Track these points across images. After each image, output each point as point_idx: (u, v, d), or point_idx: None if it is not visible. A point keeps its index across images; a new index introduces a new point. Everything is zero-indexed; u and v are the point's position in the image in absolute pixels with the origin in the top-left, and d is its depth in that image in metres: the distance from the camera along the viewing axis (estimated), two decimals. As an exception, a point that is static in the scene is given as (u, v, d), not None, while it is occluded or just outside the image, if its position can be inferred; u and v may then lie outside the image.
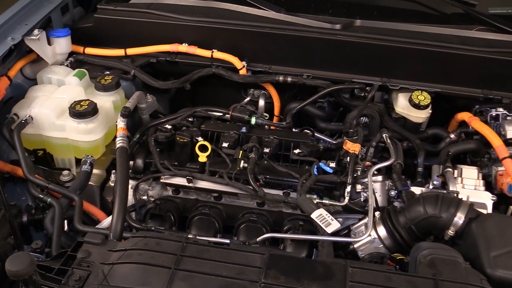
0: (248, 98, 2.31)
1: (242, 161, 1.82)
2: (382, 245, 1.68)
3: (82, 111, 1.86)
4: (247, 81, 2.22)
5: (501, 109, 2.06)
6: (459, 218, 1.59)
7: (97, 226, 1.76)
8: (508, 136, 1.96)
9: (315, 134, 2.08)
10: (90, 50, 2.30)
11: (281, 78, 2.17)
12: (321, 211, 1.69)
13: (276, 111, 2.31)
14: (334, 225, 1.66)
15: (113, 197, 1.68)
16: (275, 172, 1.85)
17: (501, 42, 2.21)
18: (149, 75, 2.24)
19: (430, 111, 2.12)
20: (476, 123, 2.01)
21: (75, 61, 2.27)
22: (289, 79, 2.17)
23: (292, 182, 1.83)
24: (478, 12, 2.35)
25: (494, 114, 2.06)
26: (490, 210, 1.79)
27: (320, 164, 1.86)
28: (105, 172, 1.97)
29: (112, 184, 1.90)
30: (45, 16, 2.17)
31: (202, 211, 1.84)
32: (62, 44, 2.19)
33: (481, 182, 1.89)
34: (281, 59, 2.23)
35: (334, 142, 2.05)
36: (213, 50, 2.22)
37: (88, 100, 1.92)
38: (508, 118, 2.03)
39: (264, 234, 1.70)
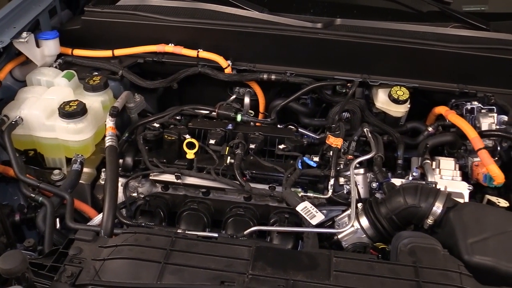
0: (233, 96, 2.30)
1: (229, 157, 1.82)
2: (364, 235, 1.69)
3: (71, 112, 1.84)
4: (232, 80, 2.21)
5: (476, 103, 2.08)
6: (438, 208, 1.60)
7: (88, 224, 1.75)
8: (483, 128, 1.98)
9: (299, 129, 2.08)
10: (78, 52, 2.27)
11: (265, 76, 2.17)
12: (306, 203, 1.69)
13: (261, 108, 2.31)
14: (318, 217, 1.67)
15: (104, 194, 1.67)
16: (261, 167, 1.85)
17: (475, 39, 2.22)
18: (137, 75, 2.22)
19: (409, 106, 2.13)
20: (452, 116, 2.02)
21: (64, 63, 2.23)
22: (273, 77, 2.17)
23: (278, 176, 1.83)
24: (453, 10, 2.36)
25: (469, 108, 2.07)
26: (466, 199, 1.80)
27: (304, 158, 1.87)
28: (95, 171, 1.96)
29: (103, 182, 1.88)
30: (33, 19, 2.13)
31: (190, 206, 1.83)
32: (51, 46, 2.16)
33: (458, 172, 1.90)
34: (265, 57, 2.23)
35: (318, 137, 2.04)
36: (199, 50, 2.21)
37: (77, 100, 1.89)
38: (483, 111, 2.04)
39: (251, 228, 1.70)
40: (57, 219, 1.75)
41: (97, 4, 2.39)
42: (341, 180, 1.85)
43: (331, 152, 1.87)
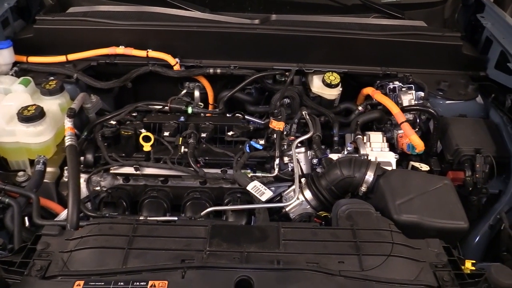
0: (184, 91, 2.25)
1: (183, 147, 1.80)
2: (309, 206, 1.72)
3: (30, 116, 1.76)
4: (181, 76, 2.17)
5: (397, 82, 2.13)
6: (369, 176, 1.65)
7: (55, 219, 1.68)
8: (404, 104, 2.04)
9: (246, 117, 2.07)
10: (33, 59, 2.16)
11: (211, 70, 2.14)
12: (255, 183, 1.70)
13: (210, 100, 2.28)
14: (267, 194, 1.68)
15: (67, 191, 1.60)
16: (213, 153, 1.84)
17: (393, 26, 2.28)
18: (92, 77, 2.14)
19: (341, 89, 2.16)
20: (378, 96, 2.07)
21: (20, 70, 2.12)
22: (218, 70, 2.14)
23: (229, 160, 1.82)
24: (373, 2, 2.40)
25: (392, 87, 2.12)
26: (394, 167, 1.86)
27: (251, 142, 1.87)
28: (58, 169, 1.87)
29: (66, 180, 1.81)
30: (-15, 30, 2.02)
31: (151, 194, 1.79)
32: (5, 55, 2.05)
33: (386, 144, 1.95)
34: (210, 53, 2.20)
35: (262, 122, 2.05)
36: (148, 50, 2.15)
37: (34, 105, 1.80)
38: (403, 89, 2.10)
39: (207, 209, 1.69)
40: (26, 218, 1.67)
41: (48, 12, 2.27)
42: (286, 159, 1.86)
43: (275, 135, 1.87)
